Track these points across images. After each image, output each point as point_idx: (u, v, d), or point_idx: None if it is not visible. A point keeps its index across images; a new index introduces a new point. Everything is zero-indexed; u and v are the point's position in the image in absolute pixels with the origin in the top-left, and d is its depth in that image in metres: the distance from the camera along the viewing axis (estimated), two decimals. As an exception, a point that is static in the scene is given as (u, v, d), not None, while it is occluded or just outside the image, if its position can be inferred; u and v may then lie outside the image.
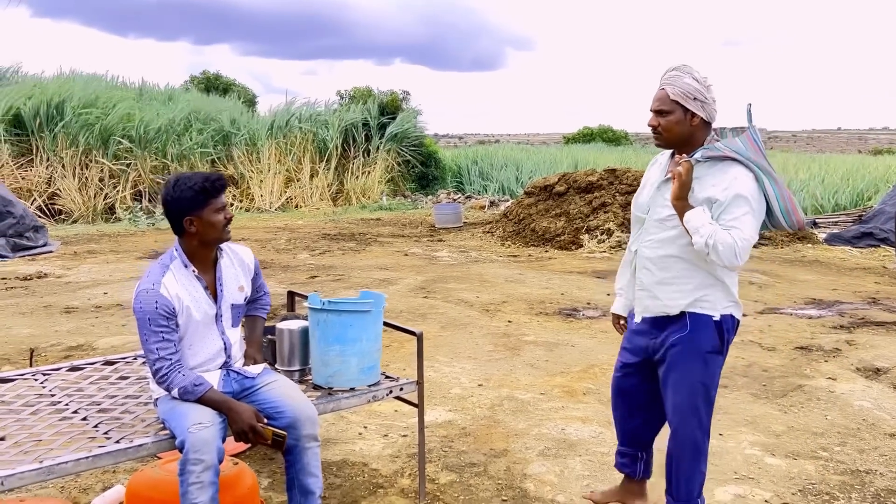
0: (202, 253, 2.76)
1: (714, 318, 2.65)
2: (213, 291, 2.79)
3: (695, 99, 2.58)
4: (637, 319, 2.88)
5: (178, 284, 2.67)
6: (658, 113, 2.64)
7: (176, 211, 2.68)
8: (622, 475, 3.14)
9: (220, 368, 2.82)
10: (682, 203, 2.60)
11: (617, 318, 3.09)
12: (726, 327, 2.68)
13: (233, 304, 2.84)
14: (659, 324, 2.77)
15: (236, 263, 2.90)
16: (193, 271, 2.73)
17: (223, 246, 2.84)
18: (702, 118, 2.60)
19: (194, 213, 2.66)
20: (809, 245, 11.84)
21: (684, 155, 2.63)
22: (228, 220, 2.74)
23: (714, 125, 2.69)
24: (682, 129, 2.62)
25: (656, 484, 3.11)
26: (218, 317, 2.79)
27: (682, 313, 2.69)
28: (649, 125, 2.70)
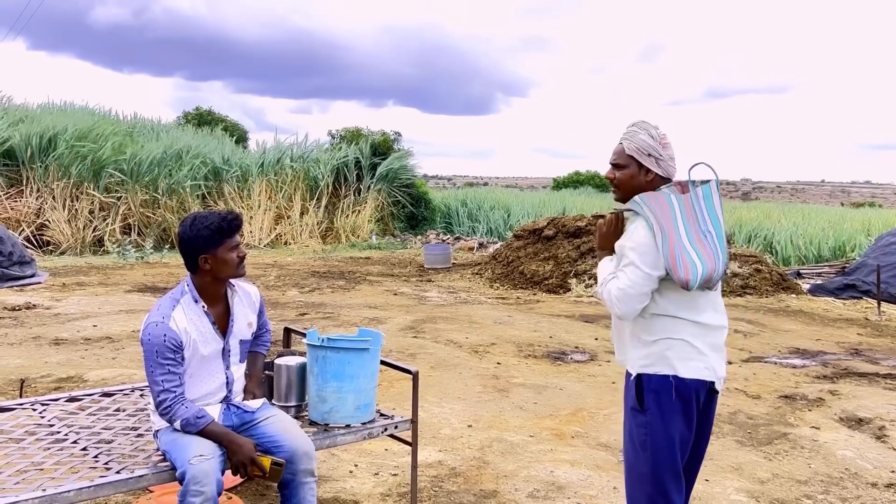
0: (213, 289, 2.84)
1: (632, 377, 2.63)
2: (221, 326, 2.86)
3: (649, 155, 2.62)
4: None
5: (187, 319, 2.74)
6: (615, 166, 2.69)
7: (192, 249, 2.77)
8: None
9: (221, 402, 2.87)
10: (601, 253, 2.76)
11: None
12: (650, 387, 2.59)
13: (241, 340, 2.92)
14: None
15: (245, 301, 2.98)
16: (203, 307, 2.81)
17: (234, 282, 2.92)
18: (657, 174, 2.64)
19: (209, 251, 2.76)
20: (794, 295, 12.00)
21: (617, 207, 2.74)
22: (242, 258, 2.83)
23: (677, 179, 2.71)
24: (636, 184, 2.65)
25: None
26: (226, 352, 2.86)
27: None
28: (606, 177, 2.76)
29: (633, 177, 2.65)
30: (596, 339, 8.00)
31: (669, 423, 2.57)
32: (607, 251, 2.72)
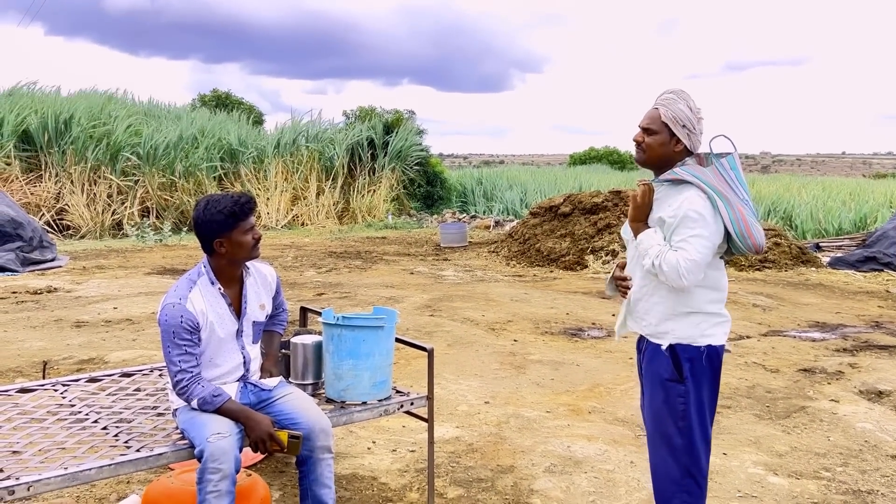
0: (230, 271, 2.86)
1: (663, 348, 2.61)
2: (237, 308, 2.89)
3: (683, 126, 2.58)
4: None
5: (204, 300, 2.76)
6: (645, 130, 2.63)
7: (207, 233, 2.78)
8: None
9: (238, 381, 2.90)
10: (636, 225, 2.67)
11: None
12: (686, 356, 2.59)
13: (254, 322, 2.94)
14: (639, 342, 2.79)
15: (259, 282, 3.00)
16: (219, 288, 2.83)
17: (249, 264, 2.94)
18: (685, 146, 2.61)
19: (224, 235, 2.77)
20: (813, 268, 11.90)
21: (645, 178, 2.69)
22: (257, 240, 2.85)
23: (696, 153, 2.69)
24: (663, 152, 2.61)
25: None
26: (239, 332, 2.88)
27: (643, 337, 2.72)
28: (634, 140, 2.69)
29: (663, 145, 2.61)
30: (613, 315, 7.98)
31: (704, 391, 2.62)
32: (642, 223, 2.66)
